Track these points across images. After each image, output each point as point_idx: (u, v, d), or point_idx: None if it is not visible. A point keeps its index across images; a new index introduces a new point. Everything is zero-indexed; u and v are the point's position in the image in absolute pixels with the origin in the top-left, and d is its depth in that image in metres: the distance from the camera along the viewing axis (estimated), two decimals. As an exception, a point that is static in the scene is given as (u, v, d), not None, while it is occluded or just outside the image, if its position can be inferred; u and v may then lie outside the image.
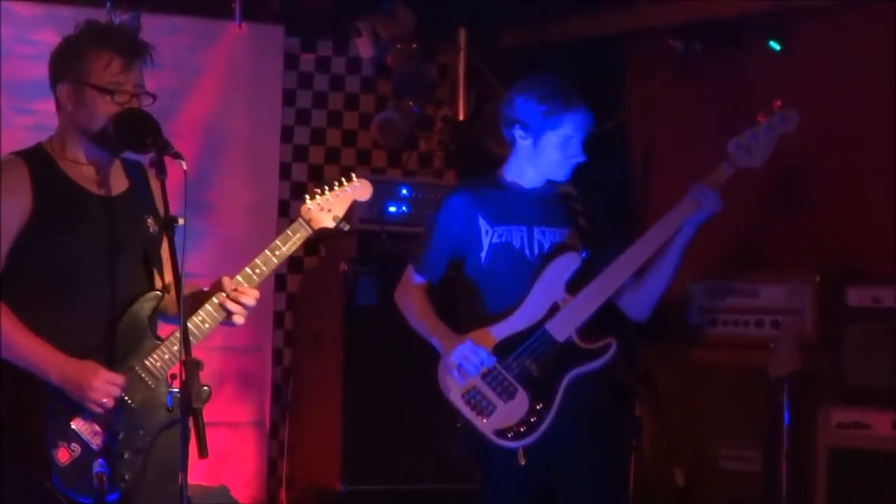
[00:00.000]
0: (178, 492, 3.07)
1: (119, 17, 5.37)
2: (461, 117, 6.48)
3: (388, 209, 5.89)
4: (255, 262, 3.55)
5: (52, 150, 3.52)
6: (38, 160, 3.49)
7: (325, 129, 6.57)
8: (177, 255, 3.27)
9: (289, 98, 6.44)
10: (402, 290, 4.29)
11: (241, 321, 3.55)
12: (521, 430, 4.01)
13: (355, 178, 3.75)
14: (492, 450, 4.04)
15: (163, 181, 3.33)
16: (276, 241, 3.58)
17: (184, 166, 3.31)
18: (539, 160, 4.12)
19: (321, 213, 3.65)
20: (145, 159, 3.44)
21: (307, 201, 3.65)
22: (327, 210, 3.66)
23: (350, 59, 6.56)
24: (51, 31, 5.14)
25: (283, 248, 3.58)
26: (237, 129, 6.20)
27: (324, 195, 3.67)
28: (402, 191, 5.98)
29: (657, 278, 4.11)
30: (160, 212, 3.48)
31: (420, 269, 4.24)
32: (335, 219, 3.68)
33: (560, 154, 4.10)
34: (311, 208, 3.64)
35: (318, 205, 3.65)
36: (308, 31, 6.46)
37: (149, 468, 3.45)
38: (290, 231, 3.61)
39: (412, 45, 6.29)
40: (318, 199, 3.66)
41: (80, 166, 3.50)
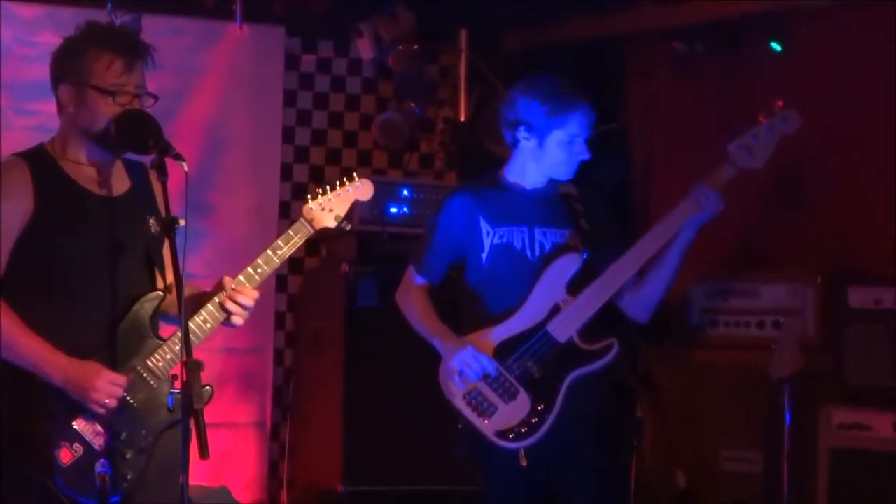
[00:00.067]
0: (179, 492, 3.06)
1: (120, 18, 5.37)
2: (462, 118, 6.47)
3: (389, 210, 5.89)
4: (256, 261, 3.55)
5: (54, 150, 3.52)
6: (39, 161, 3.49)
7: (327, 130, 6.57)
8: (178, 256, 3.27)
9: (290, 99, 6.43)
10: (404, 291, 4.28)
11: (239, 322, 3.55)
12: (523, 431, 4.00)
13: (357, 178, 3.75)
14: (493, 451, 4.03)
15: (164, 182, 3.33)
16: (278, 241, 3.58)
17: (185, 167, 3.31)
18: (544, 160, 4.11)
19: (323, 212, 3.65)
20: (147, 160, 3.43)
21: (309, 201, 3.65)
22: (329, 210, 3.66)
23: (351, 61, 6.56)
24: (52, 32, 5.13)
25: (285, 248, 3.58)
26: (238, 130, 6.19)
27: (325, 195, 3.67)
28: (403, 192, 5.98)
29: (658, 279, 4.10)
30: (162, 212, 3.47)
31: (421, 270, 4.23)
32: (337, 218, 3.68)
33: (565, 152, 4.09)
34: (312, 208, 3.64)
35: (320, 204, 3.65)
36: (309, 33, 6.46)
37: (150, 468, 3.45)
38: (292, 231, 3.61)
39: (413, 47, 6.29)
40: (320, 198, 3.66)
41: (81, 167, 3.50)
